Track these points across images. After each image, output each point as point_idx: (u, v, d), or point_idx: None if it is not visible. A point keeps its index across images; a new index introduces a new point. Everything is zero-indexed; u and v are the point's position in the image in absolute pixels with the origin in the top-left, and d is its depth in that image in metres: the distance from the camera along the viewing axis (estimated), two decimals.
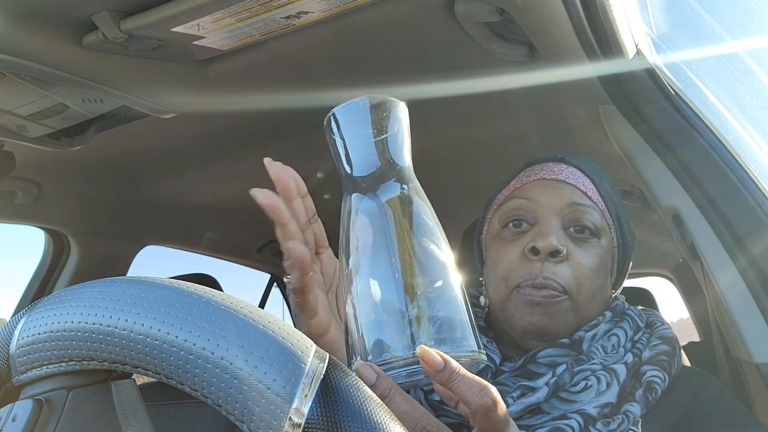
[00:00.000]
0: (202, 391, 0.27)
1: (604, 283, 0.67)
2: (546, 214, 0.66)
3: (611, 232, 0.69)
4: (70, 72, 0.69)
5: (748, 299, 0.69)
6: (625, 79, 0.83)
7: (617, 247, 0.70)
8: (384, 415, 0.27)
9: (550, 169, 0.71)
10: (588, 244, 0.66)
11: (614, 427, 0.58)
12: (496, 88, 0.91)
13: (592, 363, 0.62)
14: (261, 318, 0.28)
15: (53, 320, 0.30)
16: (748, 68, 1.04)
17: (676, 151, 0.79)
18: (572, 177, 0.69)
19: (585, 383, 0.61)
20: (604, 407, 0.59)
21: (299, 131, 1.14)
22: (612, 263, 0.70)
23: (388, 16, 0.73)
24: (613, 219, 0.69)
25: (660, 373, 0.62)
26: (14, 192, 1.20)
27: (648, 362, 0.63)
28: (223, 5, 0.60)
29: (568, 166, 0.71)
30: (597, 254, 0.65)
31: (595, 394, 0.60)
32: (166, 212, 1.49)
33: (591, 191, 0.68)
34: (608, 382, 0.61)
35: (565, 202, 0.67)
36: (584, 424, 0.58)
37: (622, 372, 0.61)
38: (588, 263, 0.64)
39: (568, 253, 0.64)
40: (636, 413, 0.59)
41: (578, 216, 0.66)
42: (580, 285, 0.64)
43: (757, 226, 0.70)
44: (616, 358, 0.63)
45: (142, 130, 0.99)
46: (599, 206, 0.68)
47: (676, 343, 0.66)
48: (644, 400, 0.60)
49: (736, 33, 1.06)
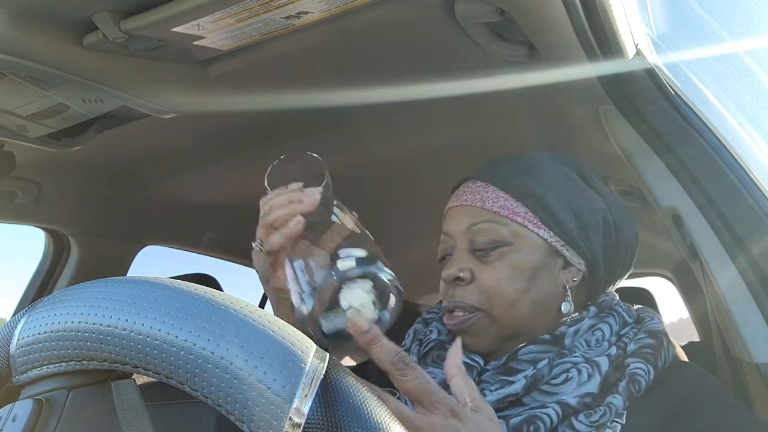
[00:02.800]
0: (202, 391, 0.27)
1: (530, 285, 0.67)
2: (457, 242, 0.71)
3: (533, 228, 0.68)
4: (71, 72, 0.69)
5: (748, 299, 0.69)
6: (625, 79, 0.83)
7: (556, 237, 0.69)
8: (384, 415, 0.27)
9: (457, 195, 0.75)
10: (493, 257, 0.68)
11: (596, 419, 0.59)
12: (496, 89, 0.91)
13: (574, 356, 0.64)
14: (261, 318, 0.29)
15: (53, 320, 0.30)
16: (747, 68, 1.04)
17: (675, 151, 0.79)
18: (471, 197, 0.72)
19: (566, 375, 0.62)
20: (585, 397, 0.60)
21: (299, 131, 1.14)
22: (549, 257, 0.69)
23: (388, 16, 0.73)
24: (537, 212, 0.69)
25: (644, 365, 0.62)
26: (14, 192, 1.20)
27: (632, 355, 0.63)
28: (223, 5, 0.60)
29: (474, 183, 0.73)
30: (507, 263, 0.68)
31: (576, 386, 0.61)
32: (166, 212, 1.49)
33: (491, 202, 0.70)
34: (590, 373, 0.62)
35: (465, 227, 0.71)
36: (563, 413, 0.59)
37: (605, 363, 0.62)
38: (495, 277, 0.67)
39: (473, 275, 0.68)
40: (618, 405, 0.60)
41: (477, 237, 0.69)
42: (491, 299, 0.67)
43: (757, 226, 0.70)
44: (599, 351, 0.64)
45: (142, 131, 0.99)
46: (502, 213, 0.69)
47: (663, 337, 0.66)
48: (627, 392, 0.60)
49: (736, 33, 1.06)
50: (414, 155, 1.29)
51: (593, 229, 0.69)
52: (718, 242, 0.73)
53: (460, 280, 0.68)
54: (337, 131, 1.15)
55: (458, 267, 0.69)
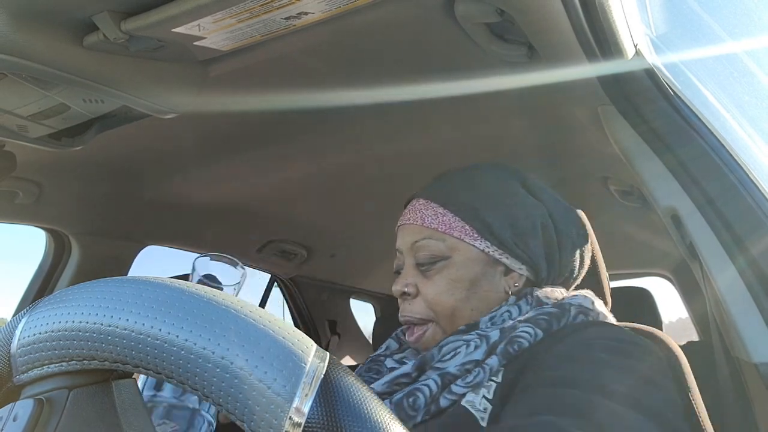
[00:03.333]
0: (202, 390, 0.27)
1: (469, 294, 0.72)
2: (405, 258, 0.76)
3: (470, 241, 0.73)
4: (71, 72, 0.69)
5: (747, 299, 0.69)
6: (625, 79, 0.83)
7: (494, 247, 0.73)
8: (384, 415, 0.27)
9: (404, 214, 0.79)
10: (434, 272, 0.73)
11: (470, 379, 0.62)
12: (496, 89, 0.91)
13: (470, 334, 0.68)
14: (261, 318, 0.29)
15: (54, 320, 0.30)
16: (747, 69, 1.04)
17: (675, 152, 0.79)
18: (413, 216, 0.76)
19: (455, 352, 0.66)
20: (467, 365, 0.64)
21: (299, 131, 1.14)
22: (488, 266, 0.73)
23: (388, 17, 0.73)
24: (474, 225, 0.73)
25: (530, 329, 0.65)
26: (15, 192, 1.20)
27: (525, 321, 0.66)
28: (224, 6, 0.60)
29: (417, 201, 0.78)
30: (445, 276, 0.72)
31: (462, 357, 0.65)
32: (166, 212, 1.49)
33: (430, 219, 0.74)
34: (477, 345, 0.66)
35: (409, 244, 0.75)
36: (443, 382, 0.63)
37: (495, 335, 0.66)
38: (435, 290, 0.72)
39: (418, 289, 0.74)
40: (493, 365, 0.63)
41: (418, 253, 0.74)
42: (435, 310, 0.72)
43: (756, 227, 0.70)
44: (497, 327, 0.68)
45: (142, 131, 0.99)
46: (440, 229, 0.73)
47: (573, 308, 0.68)
48: (504, 352, 0.63)
49: (736, 33, 1.06)
50: (414, 155, 1.29)
51: (530, 234, 0.73)
52: (717, 242, 0.73)
53: (407, 295, 0.74)
54: (337, 131, 1.15)
55: (404, 282, 0.74)
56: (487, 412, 0.60)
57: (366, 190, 1.50)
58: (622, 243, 1.83)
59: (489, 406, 0.60)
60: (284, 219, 1.71)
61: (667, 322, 2.14)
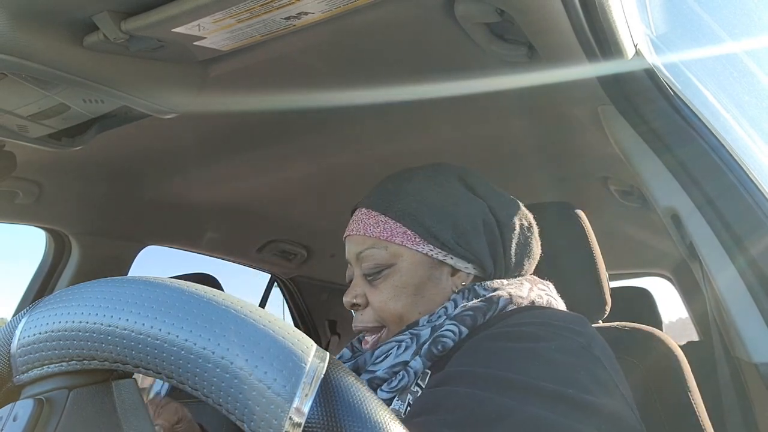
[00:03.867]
0: (202, 390, 0.27)
1: (414, 299, 0.71)
2: (354, 269, 0.77)
3: (412, 246, 0.72)
4: (71, 72, 0.69)
5: (747, 299, 0.69)
6: (625, 79, 0.83)
7: (438, 249, 0.72)
8: (384, 415, 0.27)
9: (348, 224, 0.79)
10: (379, 280, 0.73)
11: (395, 384, 0.61)
12: (496, 89, 0.91)
13: (403, 334, 0.67)
14: (261, 318, 0.29)
15: (54, 320, 0.30)
16: (747, 69, 1.04)
17: (675, 152, 0.79)
18: (356, 227, 0.76)
19: (387, 353, 0.66)
20: (395, 367, 0.63)
21: (299, 131, 1.14)
22: (432, 269, 0.72)
23: (388, 17, 0.73)
24: (415, 229, 0.72)
25: (455, 327, 0.64)
26: (15, 192, 1.20)
27: (451, 318, 0.66)
28: (224, 6, 0.60)
29: (360, 211, 0.78)
30: (390, 284, 0.72)
31: (392, 359, 0.64)
32: (166, 212, 1.49)
33: (371, 228, 0.74)
34: (407, 345, 0.65)
35: (354, 255, 0.76)
36: (371, 388, 0.60)
37: (426, 334, 0.65)
38: (381, 298, 0.72)
39: (367, 299, 0.74)
40: (417, 367, 0.62)
41: (363, 264, 0.74)
42: (383, 317, 0.72)
43: (756, 226, 0.70)
44: (431, 324, 0.67)
45: (142, 131, 0.99)
46: (382, 237, 0.73)
47: (501, 300, 0.66)
48: (428, 353, 0.63)
49: (735, 33, 1.06)
50: (414, 155, 1.28)
51: (472, 233, 0.72)
52: (717, 242, 0.73)
53: (357, 306, 0.74)
54: (337, 131, 1.15)
55: (353, 294, 0.75)
56: None
57: (366, 190, 1.50)
58: (622, 243, 1.83)
59: None
60: (284, 219, 1.71)
61: (667, 322, 2.15)
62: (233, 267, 1.93)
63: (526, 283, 0.72)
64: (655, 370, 0.79)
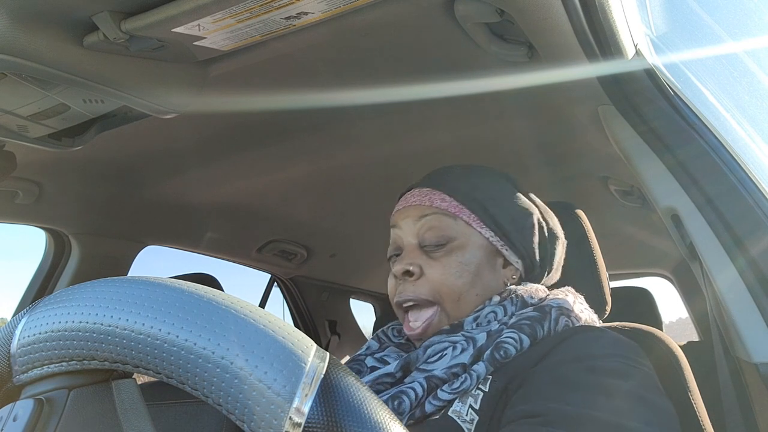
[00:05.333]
0: (202, 390, 0.27)
1: (475, 279, 0.72)
2: (406, 238, 0.75)
3: (477, 227, 0.73)
4: (71, 72, 0.69)
5: (747, 299, 0.69)
6: (625, 79, 0.83)
7: (497, 237, 0.74)
8: (384, 414, 0.27)
9: (405, 197, 0.79)
10: (441, 253, 0.72)
11: (457, 386, 0.62)
12: (496, 89, 0.91)
13: (455, 336, 0.67)
14: (261, 318, 0.29)
15: (54, 320, 0.31)
16: (747, 68, 1.04)
17: (675, 152, 0.79)
18: (419, 198, 0.76)
19: (441, 353, 0.66)
20: (453, 368, 0.63)
21: (299, 131, 1.14)
22: (491, 256, 0.74)
23: (388, 17, 0.73)
24: (479, 214, 0.73)
25: (515, 334, 0.64)
26: (15, 192, 1.20)
27: (509, 327, 0.66)
28: (224, 6, 0.60)
29: (420, 189, 0.78)
30: (454, 259, 0.72)
31: (449, 360, 0.64)
32: (166, 212, 1.49)
33: (438, 202, 0.75)
34: (464, 348, 0.65)
35: (415, 220, 0.75)
36: (428, 386, 0.62)
37: (482, 338, 0.65)
38: (443, 272, 0.71)
39: (423, 270, 0.72)
40: (481, 371, 0.62)
41: (427, 229, 0.73)
42: (441, 292, 0.71)
43: (756, 227, 0.70)
44: (483, 329, 0.67)
45: (142, 131, 0.99)
46: (450, 210, 0.73)
47: (553, 310, 0.67)
48: (491, 359, 0.63)
49: (736, 33, 1.06)
50: (414, 155, 1.29)
51: (528, 231, 0.75)
52: (717, 242, 0.73)
53: (410, 275, 0.72)
54: (337, 131, 1.15)
55: (409, 261, 0.73)
56: (473, 424, 0.58)
57: (366, 190, 1.50)
58: (622, 243, 1.83)
59: (476, 417, 0.59)
60: (284, 219, 1.71)
61: (667, 322, 2.15)
62: (233, 267, 1.94)
63: (570, 295, 0.73)
64: (655, 370, 0.79)
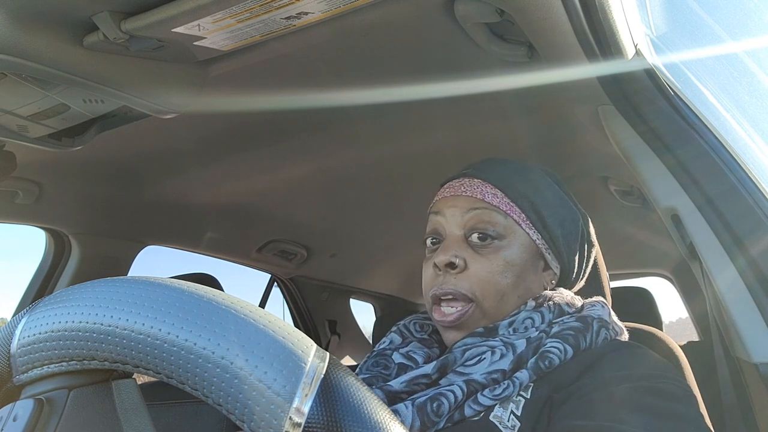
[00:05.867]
0: (202, 390, 0.27)
1: (518, 280, 0.70)
2: (450, 227, 0.72)
3: (525, 228, 0.72)
4: (71, 72, 0.69)
5: (747, 299, 0.69)
6: (625, 79, 0.83)
7: (543, 240, 0.73)
8: (384, 414, 0.27)
9: (452, 186, 0.76)
10: (488, 249, 0.70)
11: (499, 392, 0.61)
12: (496, 89, 0.91)
13: (494, 340, 0.66)
14: (261, 318, 0.29)
15: (54, 320, 0.31)
16: (747, 68, 1.04)
17: (675, 152, 0.79)
18: (470, 189, 0.74)
19: (479, 357, 0.64)
20: (493, 374, 0.62)
21: (299, 131, 1.14)
22: (535, 258, 0.73)
23: (388, 17, 0.73)
24: (529, 214, 0.72)
25: (560, 344, 0.63)
26: (15, 192, 1.20)
27: (553, 336, 0.65)
28: (224, 6, 0.60)
29: (470, 179, 0.75)
30: (501, 257, 0.70)
31: (488, 365, 0.63)
32: (166, 212, 1.49)
33: (490, 196, 0.72)
34: (503, 353, 0.64)
35: (463, 212, 0.72)
36: (468, 390, 0.61)
37: (521, 345, 0.64)
38: (489, 269, 0.69)
39: (467, 264, 0.70)
40: (524, 379, 0.61)
41: (475, 223, 0.71)
42: (483, 290, 0.69)
43: (756, 226, 0.70)
44: (521, 336, 0.66)
45: (142, 131, 0.99)
46: (501, 207, 0.71)
47: (595, 322, 0.67)
48: (535, 368, 0.62)
49: (736, 33, 1.06)
50: (414, 155, 1.29)
51: (573, 238, 0.74)
52: (717, 242, 0.73)
53: (453, 267, 0.69)
54: (337, 131, 1.15)
55: (453, 253, 0.70)
56: (515, 429, 0.58)
57: (366, 190, 1.50)
58: (622, 243, 1.83)
59: (517, 424, 0.58)
60: (284, 219, 1.71)
61: (667, 322, 2.15)
62: (233, 267, 1.94)
63: (606, 306, 0.72)
64: None
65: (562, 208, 0.75)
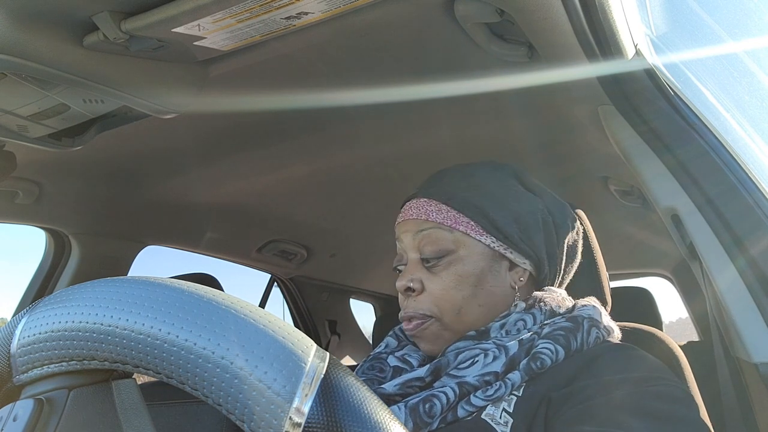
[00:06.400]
0: (202, 390, 0.27)
1: (476, 290, 0.71)
2: (408, 252, 0.75)
3: (476, 236, 0.72)
4: (71, 72, 0.69)
5: (747, 299, 0.69)
6: (625, 79, 0.83)
7: (499, 242, 0.72)
8: (384, 414, 0.27)
9: (403, 211, 0.78)
10: (440, 267, 0.72)
11: (491, 393, 0.62)
12: (496, 89, 0.91)
13: (486, 343, 0.67)
14: (261, 318, 0.29)
15: (54, 320, 0.31)
16: (747, 68, 1.04)
17: (675, 152, 0.79)
18: (416, 211, 0.75)
19: (472, 360, 0.65)
20: (486, 376, 0.63)
21: (299, 131, 1.14)
22: (494, 261, 0.73)
23: (388, 17, 0.73)
24: (478, 220, 0.72)
25: (551, 345, 0.64)
26: (15, 192, 1.20)
27: (544, 337, 0.66)
28: (224, 6, 0.60)
29: (417, 200, 0.77)
30: (453, 272, 0.71)
31: (481, 367, 0.64)
32: (166, 212, 1.49)
33: (434, 215, 0.73)
34: (496, 356, 0.65)
35: (413, 235, 0.74)
36: (461, 391, 0.62)
37: (514, 347, 0.65)
38: (442, 286, 0.71)
39: (423, 285, 0.72)
40: (516, 380, 0.62)
41: (424, 245, 0.73)
42: (440, 307, 0.71)
43: (756, 226, 0.70)
44: (513, 338, 0.67)
45: (142, 131, 0.99)
46: (446, 222, 0.72)
47: (585, 321, 0.67)
48: (527, 369, 0.63)
49: (735, 33, 1.06)
50: (414, 155, 1.29)
51: (533, 229, 0.73)
52: (717, 242, 0.73)
53: (411, 291, 0.73)
54: (337, 131, 1.15)
55: (409, 278, 0.73)
56: (508, 426, 0.59)
57: (366, 190, 1.50)
58: (622, 243, 1.83)
59: (510, 420, 0.59)
60: (284, 219, 1.71)
61: (667, 322, 2.15)
62: (233, 267, 1.94)
63: (597, 307, 0.72)
64: None
65: (516, 202, 0.74)
